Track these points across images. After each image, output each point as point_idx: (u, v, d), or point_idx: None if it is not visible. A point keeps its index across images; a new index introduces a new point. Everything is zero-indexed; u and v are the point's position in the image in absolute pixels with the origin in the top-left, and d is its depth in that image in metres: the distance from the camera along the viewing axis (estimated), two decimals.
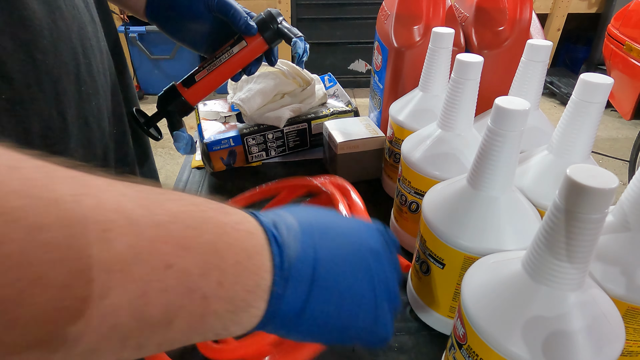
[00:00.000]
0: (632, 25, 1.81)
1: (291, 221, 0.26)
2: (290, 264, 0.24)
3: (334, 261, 0.26)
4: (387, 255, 0.29)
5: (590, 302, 0.28)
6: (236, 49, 0.52)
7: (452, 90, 0.45)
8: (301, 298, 0.24)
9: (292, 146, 0.76)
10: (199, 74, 0.52)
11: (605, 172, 0.25)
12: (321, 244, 0.26)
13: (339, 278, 0.26)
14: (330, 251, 0.26)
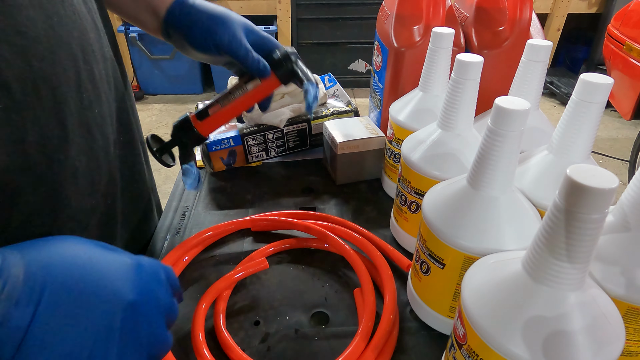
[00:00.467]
0: (632, 25, 1.81)
1: (19, 272, 0.25)
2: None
3: (56, 321, 0.26)
4: (146, 304, 0.30)
5: (590, 302, 0.28)
6: (250, 86, 0.52)
7: (452, 90, 0.45)
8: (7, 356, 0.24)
9: (292, 146, 0.76)
10: (213, 107, 0.53)
11: (605, 172, 0.25)
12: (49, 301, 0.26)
13: (57, 339, 0.26)
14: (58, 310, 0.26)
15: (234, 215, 0.63)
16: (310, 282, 0.52)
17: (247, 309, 0.49)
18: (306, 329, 0.46)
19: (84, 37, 0.39)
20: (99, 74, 0.41)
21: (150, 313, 0.30)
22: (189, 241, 0.54)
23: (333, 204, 0.66)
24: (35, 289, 0.26)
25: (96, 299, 0.28)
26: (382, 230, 0.60)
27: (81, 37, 0.38)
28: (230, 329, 0.46)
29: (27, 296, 0.25)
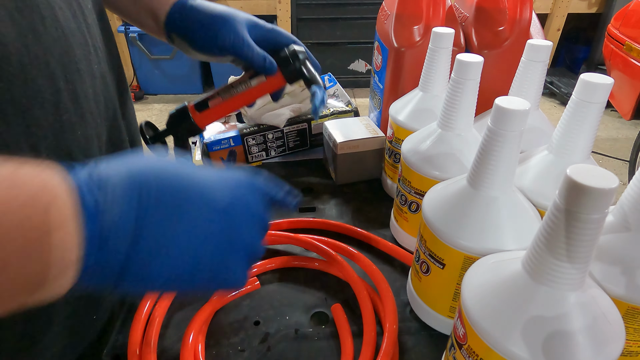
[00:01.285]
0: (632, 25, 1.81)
1: (119, 181, 0.26)
2: (105, 231, 0.24)
3: (162, 223, 0.26)
4: (240, 212, 0.30)
5: (590, 302, 0.28)
6: (254, 82, 0.51)
7: (452, 90, 0.45)
8: (119, 260, 0.25)
9: (292, 146, 0.76)
10: (213, 100, 0.51)
11: (605, 172, 0.25)
12: (153, 204, 0.26)
13: (168, 239, 0.26)
14: (161, 213, 0.26)
15: None
16: (310, 282, 0.52)
17: (247, 309, 0.49)
18: (306, 329, 0.46)
19: (67, 55, 0.37)
20: (84, 93, 0.39)
21: (246, 221, 0.31)
22: None
23: (333, 204, 0.66)
24: (142, 195, 0.26)
25: (200, 204, 0.28)
26: (382, 230, 0.60)
27: (63, 55, 0.36)
28: (231, 329, 0.46)
29: (136, 202, 0.25)
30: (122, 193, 0.25)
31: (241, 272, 0.31)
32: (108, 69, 0.46)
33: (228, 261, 0.30)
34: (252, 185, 0.33)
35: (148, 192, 0.26)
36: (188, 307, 0.49)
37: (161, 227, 0.26)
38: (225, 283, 0.30)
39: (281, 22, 2.73)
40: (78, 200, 0.24)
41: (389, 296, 0.46)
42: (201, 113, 0.51)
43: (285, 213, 0.63)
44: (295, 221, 0.60)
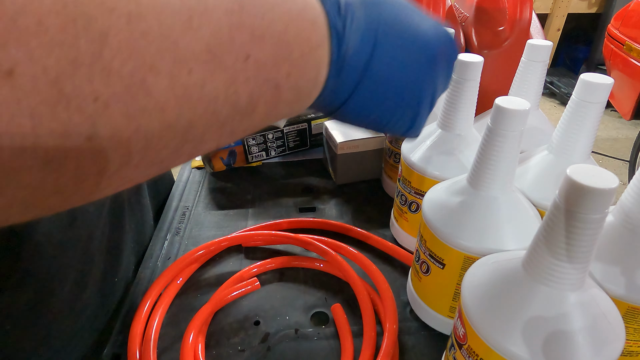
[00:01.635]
0: (632, 25, 1.81)
1: (359, 12, 0.26)
2: (345, 58, 0.25)
3: (389, 59, 0.27)
4: (444, 65, 0.31)
5: (590, 302, 0.28)
6: None
7: (452, 90, 0.45)
8: (348, 90, 0.26)
9: (292, 146, 0.76)
10: None
11: (605, 172, 0.25)
12: (383, 39, 0.27)
13: (390, 76, 0.28)
14: (389, 48, 0.27)
15: (233, 216, 0.63)
16: (310, 282, 0.52)
17: (247, 309, 0.49)
18: (306, 329, 0.46)
19: None
20: None
21: (443, 75, 0.32)
22: (181, 261, 0.52)
23: (333, 204, 0.66)
24: (379, 30, 0.26)
25: (411, 47, 0.29)
26: (382, 230, 0.60)
27: None
28: (231, 329, 0.46)
29: (373, 36, 0.26)
30: (363, 24, 0.26)
31: (423, 124, 0.33)
32: None
33: (424, 112, 0.32)
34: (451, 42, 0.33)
35: (384, 31, 0.27)
36: (188, 307, 0.49)
37: (389, 66, 0.27)
38: (412, 130, 0.33)
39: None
40: (329, 22, 0.24)
41: (389, 296, 0.46)
42: None
43: (286, 213, 0.63)
44: (295, 221, 0.60)
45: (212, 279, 0.53)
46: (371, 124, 0.31)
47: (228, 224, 0.61)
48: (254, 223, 0.60)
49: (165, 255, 0.56)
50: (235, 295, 0.48)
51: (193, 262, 0.53)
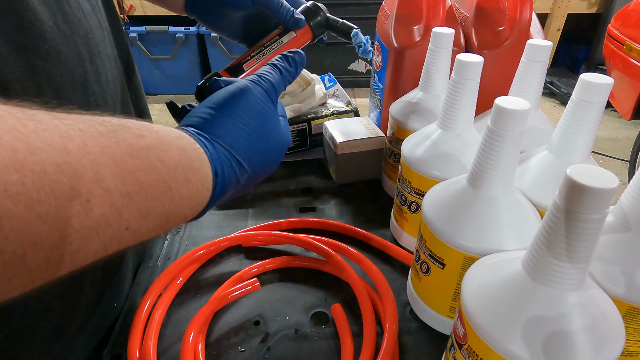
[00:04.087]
0: (632, 25, 1.81)
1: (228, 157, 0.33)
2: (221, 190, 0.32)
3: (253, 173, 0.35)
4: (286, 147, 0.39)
5: (590, 302, 0.28)
6: (285, 39, 0.49)
7: (452, 90, 0.45)
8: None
9: (292, 146, 0.76)
10: (248, 63, 0.48)
11: (605, 172, 0.25)
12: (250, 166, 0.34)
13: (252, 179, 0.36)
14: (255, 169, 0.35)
15: (233, 216, 0.63)
16: (310, 282, 0.52)
17: (247, 309, 0.49)
18: (306, 329, 0.46)
19: (90, 36, 0.37)
20: (105, 76, 0.40)
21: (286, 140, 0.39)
22: (181, 261, 0.52)
23: (333, 204, 0.66)
24: (240, 181, 0.34)
25: (273, 166, 0.38)
26: (382, 230, 0.60)
27: (87, 36, 0.37)
28: (231, 329, 0.46)
29: (235, 186, 0.33)
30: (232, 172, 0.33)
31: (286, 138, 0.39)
32: (118, 53, 0.47)
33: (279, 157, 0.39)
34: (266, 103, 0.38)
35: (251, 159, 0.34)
36: (188, 307, 0.49)
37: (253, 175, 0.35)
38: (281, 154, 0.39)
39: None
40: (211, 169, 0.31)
41: (389, 296, 0.46)
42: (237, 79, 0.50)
43: (286, 213, 0.63)
44: (295, 221, 0.60)
45: (212, 279, 0.53)
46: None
47: (228, 224, 0.61)
48: (254, 223, 0.60)
49: (165, 255, 0.56)
50: (235, 295, 0.48)
51: (193, 262, 0.53)
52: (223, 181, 0.32)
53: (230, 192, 0.34)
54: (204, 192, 0.30)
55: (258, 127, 0.35)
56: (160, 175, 0.25)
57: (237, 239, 0.56)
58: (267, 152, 0.36)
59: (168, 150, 0.27)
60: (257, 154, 0.35)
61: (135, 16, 2.74)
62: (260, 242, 0.57)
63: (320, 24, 0.51)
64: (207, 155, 0.30)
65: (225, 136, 0.33)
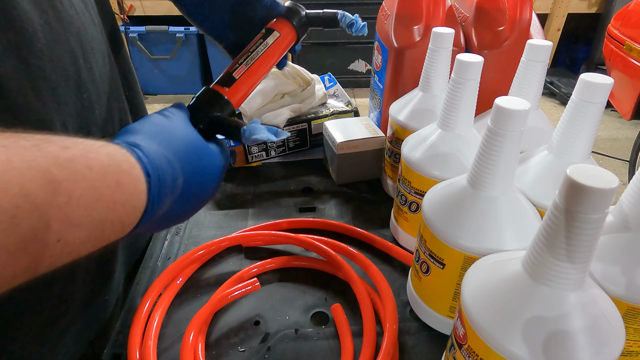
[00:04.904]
0: (632, 25, 1.81)
1: (170, 170, 0.33)
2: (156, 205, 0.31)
3: (192, 182, 0.35)
4: (220, 169, 0.39)
5: (590, 302, 0.28)
6: (270, 40, 0.48)
7: (452, 90, 0.45)
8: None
9: (292, 146, 0.76)
10: (237, 70, 0.46)
11: (605, 172, 0.25)
12: (185, 177, 0.34)
13: (194, 191, 0.36)
14: (191, 175, 0.35)
15: (233, 216, 0.63)
16: (310, 282, 0.52)
17: (247, 309, 0.49)
18: (306, 329, 0.46)
19: (82, 34, 0.37)
20: (99, 72, 0.40)
21: (222, 170, 0.40)
22: (181, 261, 0.52)
23: (333, 204, 0.66)
24: (177, 181, 0.33)
25: (207, 193, 0.38)
26: (382, 230, 0.60)
27: (79, 34, 0.37)
28: (231, 329, 0.46)
29: (172, 190, 0.33)
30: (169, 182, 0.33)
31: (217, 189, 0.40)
32: (112, 49, 0.46)
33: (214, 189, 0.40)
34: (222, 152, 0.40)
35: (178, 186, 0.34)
36: (188, 307, 0.49)
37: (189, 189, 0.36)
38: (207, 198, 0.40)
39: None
40: (142, 170, 0.30)
41: (389, 296, 0.46)
42: (231, 88, 0.44)
43: (286, 213, 0.63)
44: (295, 221, 0.60)
45: (212, 279, 0.53)
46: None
47: (228, 224, 0.61)
48: (254, 223, 0.60)
49: (165, 255, 0.56)
50: (235, 296, 0.48)
51: (193, 262, 0.53)
52: (158, 181, 0.31)
53: (168, 197, 0.33)
54: (138, 194, 0.29)
55: (181, 134, 0.36)
56: (91, 182, 0.25)
57: (237, 239, 0.56)
58: (196, 157, 0.36)
59: (96, 158, 0.26)
60: (186, 157, 0.35)
61: (135, 16, 2.74)
62: (260, 242, 0.57)
63: (302, 20, 0.50)
64: (135, 156, 0.30)
65: (149, 138, 0.33)
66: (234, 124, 0.41)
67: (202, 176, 0.37)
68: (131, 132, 0.33)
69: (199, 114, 0.42)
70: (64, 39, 0.34)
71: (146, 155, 0.31)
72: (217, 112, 0.43)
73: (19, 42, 0.30)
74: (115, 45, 0.48)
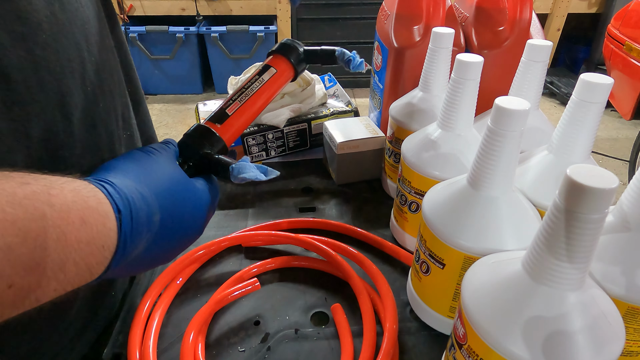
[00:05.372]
0: (632, 25, 1.81)
1: (148, 210, 0.32)
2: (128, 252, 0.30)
3: (170, 224, 0.34)
4: (206, 207, 0.39)
5: (590, 302, 0.28)
6: (266, 76, 0.48)
7: (452, 90, 0.45)
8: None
9: (292, 146, 0.76)
10: (230, 107, 0.45)
11: (605, 172, 0.25)
12: (153, 236, 0.33)
13: (172, 232, 0.35)
14: (168, 219, 0.34)
15: (233, 216, 0.63)
16: (310, 282, 0.52)
17: (247, 309, 0.49)
18: (306, 329, 0.46)
19: (86, 26, 0.37)
20: (103, 65, 0.39)
21: (206, 211, 0.40)
22: (181, 261, 0.52)
23: (333, 204, 0.66)
24: (152, 218, 0.32)
25: (189, 232, 0.38)
26: (382, 230, 0.60)
27: (84, 26, 0.36)
28: (230, 329, 0.46)
29: (148, 227, 0.32)
30: (145, 218, 0.32)
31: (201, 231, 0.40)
32: (114, 44, 0.46)
33: (197, 234, 0.40)
34: (208, 190, 0.40)
35: (154, 229, 0.33)
36: (188, 307, 0.49)
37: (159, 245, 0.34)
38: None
39: (281, 22, 2.73)
40: (112, 206, 0.29)
41: (389, 296, 0.46)
42: (223, 125, 0.43)
43: (286, 213, 0.63)
44: (295, 221, 0.60)
45: (212, 279, 0.53)
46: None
47: (228, 224, 0.61)
48: (254, 223, 0.60)
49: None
50: (235, 296, 0.48)
51: (193, 262, 0.53)
52: (130, 219, 0.29)
53: (144, 236, 0.31)
54: (106, 232, 0.27)
55: (161, 170, 0.35)
56: (50, 220, 0.24)
57: (237, 239, 0.56)
58: (177, 193, 0.35)
59: (59, 194, 0.25)
60: (164, 193, 0.33)
61: (135, 16, 2.74)
62: (260, 242, 0.57)
63: (300, 57, 0.50)
64: (105, 192, 0.29)
65: (123, 174, 0.32)
66: (222, 162, 0.41)
67: (183, 214, 0.35)
68: (105, 169, 0.32)
69: (188, 151, 0.42)
70: (69, 31, 0.34)
71: (117, 192, 0.29)
72: (208, 149, 0.42)
73: (24, 33, 0.29)
74: (117, 40, 0.48)
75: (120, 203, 0.29)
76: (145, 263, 0.34)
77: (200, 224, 0.38)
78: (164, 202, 0.33)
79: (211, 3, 2.72)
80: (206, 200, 0.39)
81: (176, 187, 0.35)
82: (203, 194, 0.38)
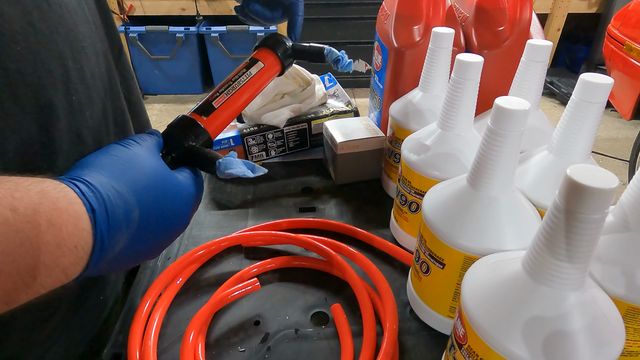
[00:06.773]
0: (632, 25, 1.81)
1: (122, 203, 0.31)
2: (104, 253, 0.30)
3: (150, 220, 0.33)
4: (190, 198, 0.38)
5: (590, 302, 0.28)
6: (254, 70, 0.47)
7: (452, 90, 0.45)
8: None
9: (292, 146, 0.76)
10: (217, 100, 0.44)
11: (605, 172, 0.25)
12: (142, 210, 0.32)
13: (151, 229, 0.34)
14: (148, 214, 0.33)
15: (233, 216, 0.63)
16: (310, 282, 0.52)
17: (247, 309, 0.49)
18: (306, 329, 0.46)
19: (72, 33, 0.36)
20: (90, 72, 0.39)
21: (191, 205, 0.38)
22: (181, 261, 0.52)
23: (333, 204, 0.66)
24: (130, 215, 0.31)
25: (173, 225, 0.36)
26: (382, 230, 0.60)
27: (69, 33, 0.35)
28: (230, 329, 0.46)
29: (126, 224, 0.31)
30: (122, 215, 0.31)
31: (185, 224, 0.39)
32: (108, 46, 0.46)
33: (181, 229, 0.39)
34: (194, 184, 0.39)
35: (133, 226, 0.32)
36: (188, 307, 0.49)
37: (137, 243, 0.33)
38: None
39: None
40: (85, 205, 0.28)
41: (389, 296, 0.46)
42: (209, 117, 0.43)
43: (286, 213, 0.63)
44: (295, 221, 0.60)
45: (212, 279, 0.53)
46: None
47: (228, 224, 0.61)
48: (254, 223, 0.60)
49: (165, 255, 0.56)
50: (235, 296, 0.48)
51: (193, 262, 0.53)
52: (106, 217, 0.28)
53: (123, 233, 0.31)
54: (78, 232, 0.27)
55: (140, 163, 0.34)
56: (14, 225, 0.23)
57: (237, 239, 0.56)
58: (157, 187, 0.34)
59: (24, 197, 0.24)
60: (143, 188, 0.32)
61: (135, 16, 2.74)
62: (260, 242, 0.57)
63: (287, 52, 0.50)
64: (77, 191, 0.28)
65: (98, 170, 0.31)
66: (209, 155, 0.39)
67: (165, 207, 0.34)
68: (80, 166, 0.31)
69: (172, 142, 0.41)
70: (51, 40, 0.33)
71: (92, 189, 0.29)
72: (192, 141, 0.41)
73: None
74: (111, 42, 0.47)
75: (94, 201, 0.28)
76: (129, 259, 0.33)
77: (184, 216, 0.37)
78: (142, 197, 0.32)
79: (211, 3, 2.72)
80: (190, 192, 0.37)
81: (156, 181, 0.34)
82: (186, 186, 0.37)
